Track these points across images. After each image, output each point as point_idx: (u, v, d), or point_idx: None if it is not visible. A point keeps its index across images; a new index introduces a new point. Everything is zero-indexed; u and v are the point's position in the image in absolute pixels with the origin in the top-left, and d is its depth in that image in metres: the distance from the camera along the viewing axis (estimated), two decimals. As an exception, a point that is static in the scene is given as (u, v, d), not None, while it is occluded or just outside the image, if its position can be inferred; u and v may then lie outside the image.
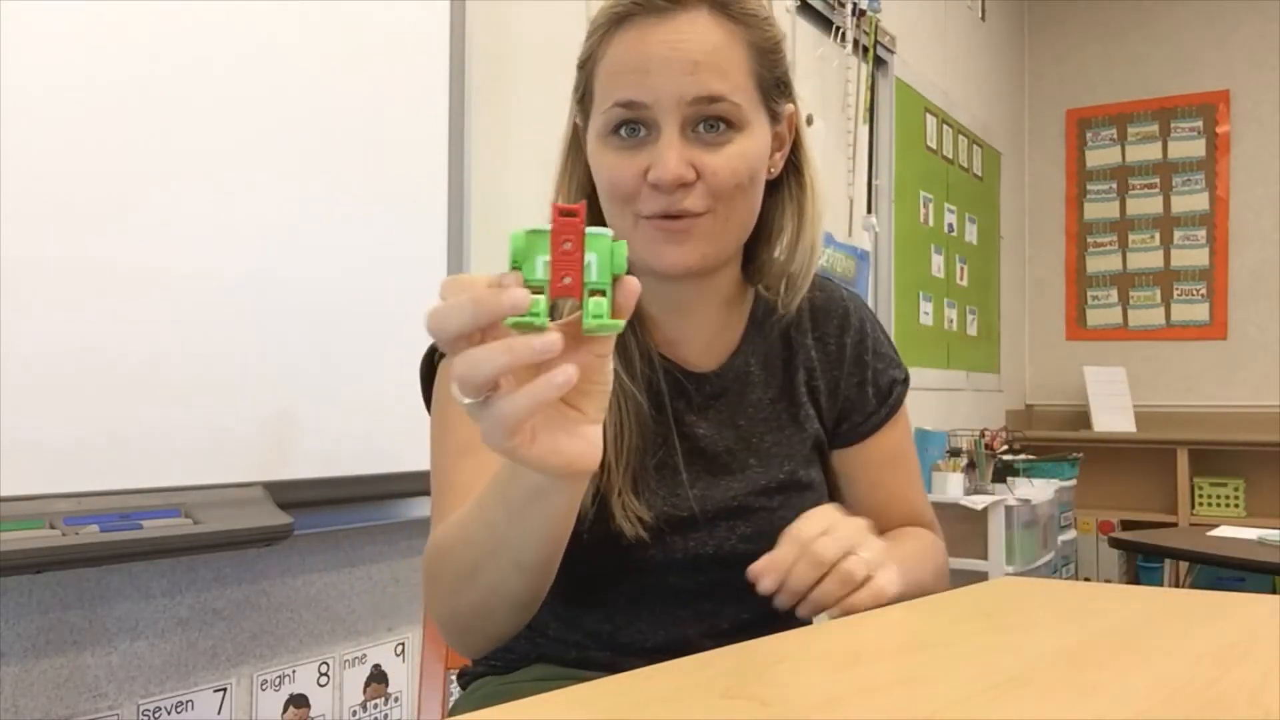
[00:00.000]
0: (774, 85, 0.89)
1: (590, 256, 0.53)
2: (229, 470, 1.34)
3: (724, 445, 0.94)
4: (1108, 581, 4.03)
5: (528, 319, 0.52)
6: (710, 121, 0.84)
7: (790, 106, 0.92)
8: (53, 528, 1.14)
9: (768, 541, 0.90)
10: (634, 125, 0.85)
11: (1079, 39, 4.71)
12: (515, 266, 0.54)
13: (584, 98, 0.92)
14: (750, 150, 0.86)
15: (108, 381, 1.23)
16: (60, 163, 1.20)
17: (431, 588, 0.79)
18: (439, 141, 1.69)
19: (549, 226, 0.53)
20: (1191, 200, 4.43)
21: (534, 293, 0.53)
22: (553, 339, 0.52)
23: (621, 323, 0.54)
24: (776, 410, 0.96)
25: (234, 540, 1.29)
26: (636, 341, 0.92)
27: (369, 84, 1.57)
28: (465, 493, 0.77)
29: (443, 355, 0.94)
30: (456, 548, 0.75)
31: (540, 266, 0.53)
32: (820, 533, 0.76)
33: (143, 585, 1.36)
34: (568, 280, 0.53)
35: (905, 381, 1.02)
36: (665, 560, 0.89)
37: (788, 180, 0.95)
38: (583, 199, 0.93)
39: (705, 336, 0.96)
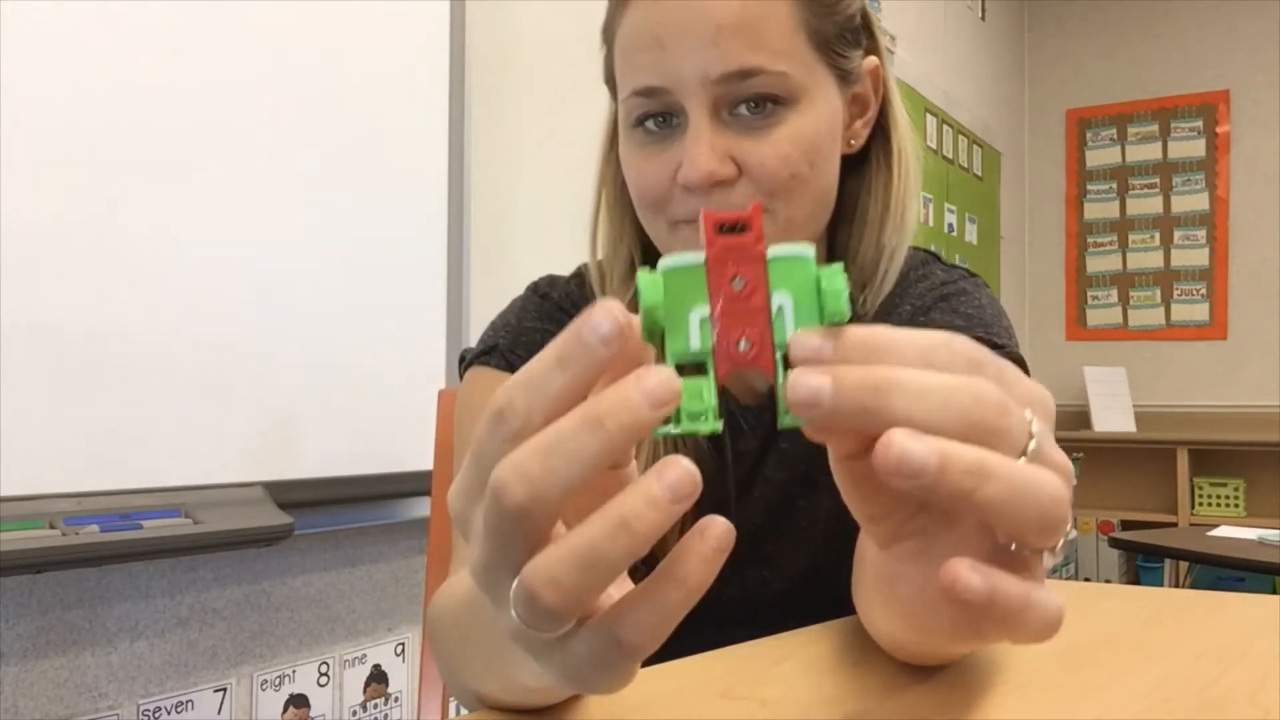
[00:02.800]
0: (838, 37, 0.70)
1: (782, 298, 0.32)
2: (229, 470, 1.34)
3: (789, 489, 0.79)
4: (1108, 581, 4.03)
5: (686, 423, 0.30)
6: (752, 101, 0.67)
7: (873, 59, 0.75)
8: (53, 528, 1.14)
9: (809, 595, 0.77)
10: (662, 115, 0.69)
11: (1079, 39, 4.71)
12: (650, 333, 0.31)
13: (610, 79, 0.76)
14: (808, 129, 0.68)
15: (108, 382, 1.23)
16: (62, 166, 1.20)
17: (441, 664, 0.60)
18: (439, 142, 1.69)
19: (701, 256, 0.32)
20: (1191, 200, 4.43)
21: (685, 373, 0.31)
22: (692, 473, 0.29)
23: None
24: None
25: (234, 540, 1.29)
26: None
27: (369, 84, 1.57)
28: None
29: (481, 356, 0.80)
30: (451, 658, 0.56)
31: (696, 328, 0.32)
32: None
33: (143, 585, 1.36)
34: (746, 345, 0.31)
35: (997, 349, 0.70)
36: (711, 613, 0.80)
37: (875, 150, 0.78)
38: (627, 200, 0.77)
39: None
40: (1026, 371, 0.76)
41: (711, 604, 0.76)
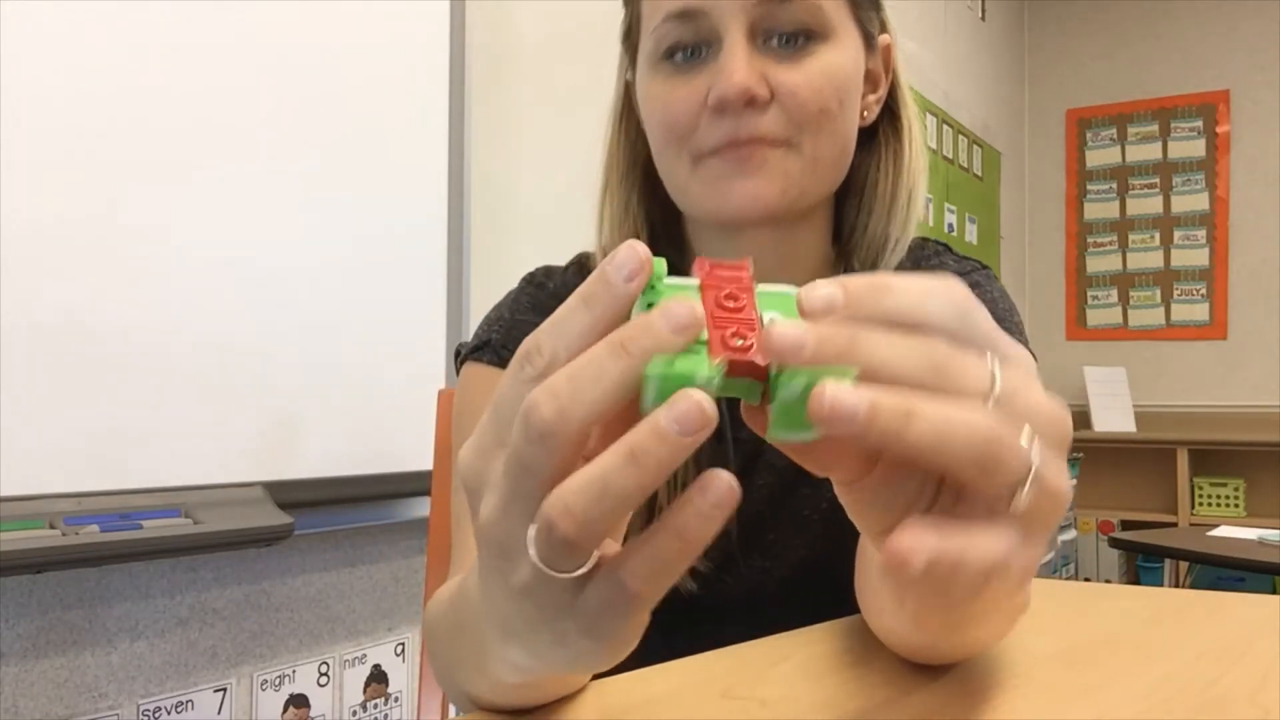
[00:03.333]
0: None
1: (771, 316, 0.33)
2: (229, 470, 1.34)
3: (790, 476, 0.78)
4: (1108, 581, 4.03)
5: (687, 367, 0.30)
6: (786, 35, 0.68)
7: (886, 37, 0.77)
8: (53, 528, 1.14)
9: (813, 583, 0.75)
10: (691, 48, 0.70)
11: (1079, 39, 4.71)
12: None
13: (629, 33, 0.77)
14: (837, 65, 0.70)
15: (108, 382, 1.23)
16: (62, 166, 1.20)
17: (435, 665, 0.59)
18: (439, 142, 1.69)
19: (695, 280, 0.33)
20: (1191, 200, 4.43)
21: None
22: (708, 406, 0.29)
23: (817, 431, 0.31)
24: None
25: (234, 540, 1.29)
26: None
27: (369, 84, 1.57)
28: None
29: (474, 352, 0.79)
30: (441, 654, 0.55)
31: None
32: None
33: (143, 585, 1.36)
34: (741, 342, 0.32)
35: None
36: (692, 603, 0.77)
37: (883, 128, 0.80)
38: (640, 165, 0.78)
39: None
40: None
41: (711, 595, 0.75)
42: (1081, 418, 4.39)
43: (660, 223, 0.79)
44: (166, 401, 1.28)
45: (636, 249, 0.32)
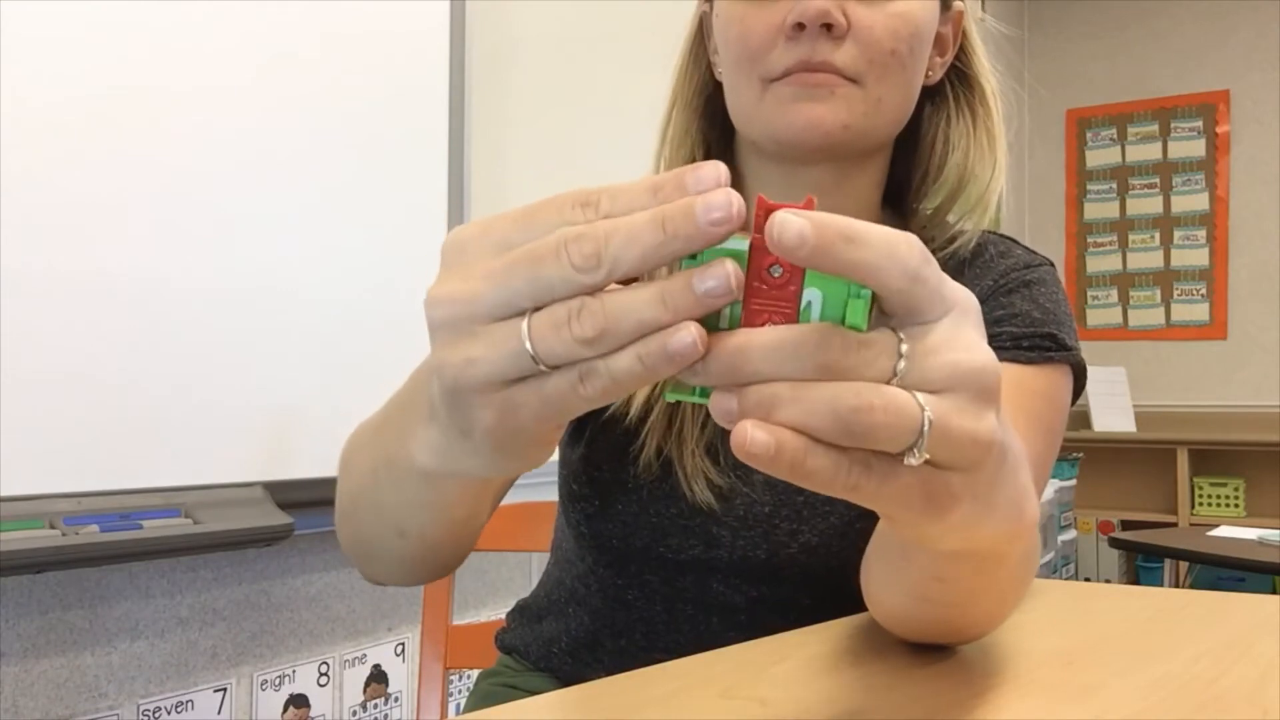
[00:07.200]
0: None
1: (813, 294, 0.33)
2: (229, 470, 1.34)
3: None
4: (1108, 581, 4.03)
5: (673, 390, 0.34)
6: None
7: (960, 4, 0.79)
8: (53, 528, 1.14)
9: (835, 555, 0.73)
10: None
11: (1079, 39, 4.71)
12: None
13: None
14: (917, 13, 0.71)
15: (109, 381, 1.23)
16: (58, 164, 1.20)
17: (338, 489, 0.65)
18: (439, 141, 1.69)
19: (746, 243, 0.32)
20: (1191, 200, 4.43)
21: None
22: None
23: None
24: None
25: (234, 540, 1.29)
26: None
27: (369, 84, 1.57)
28: None
29: None
30: (351, 469, 0.61)
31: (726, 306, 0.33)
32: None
33: (143, 585, 1.36)
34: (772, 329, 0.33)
35: (1065, 350, 0.74)
36: (708, 559, 0.75)
37: (951, 89, 0.82)
38: (704, 96, 0.79)
39: None
40: (1083, 379, 0.76)
41: (729, 552, 0.75)
42: (1082, 417, 4.38)
43: (717, 152, 0.80)
44: (167, 401, 1.28)
45: (733, 199, 0.31)
